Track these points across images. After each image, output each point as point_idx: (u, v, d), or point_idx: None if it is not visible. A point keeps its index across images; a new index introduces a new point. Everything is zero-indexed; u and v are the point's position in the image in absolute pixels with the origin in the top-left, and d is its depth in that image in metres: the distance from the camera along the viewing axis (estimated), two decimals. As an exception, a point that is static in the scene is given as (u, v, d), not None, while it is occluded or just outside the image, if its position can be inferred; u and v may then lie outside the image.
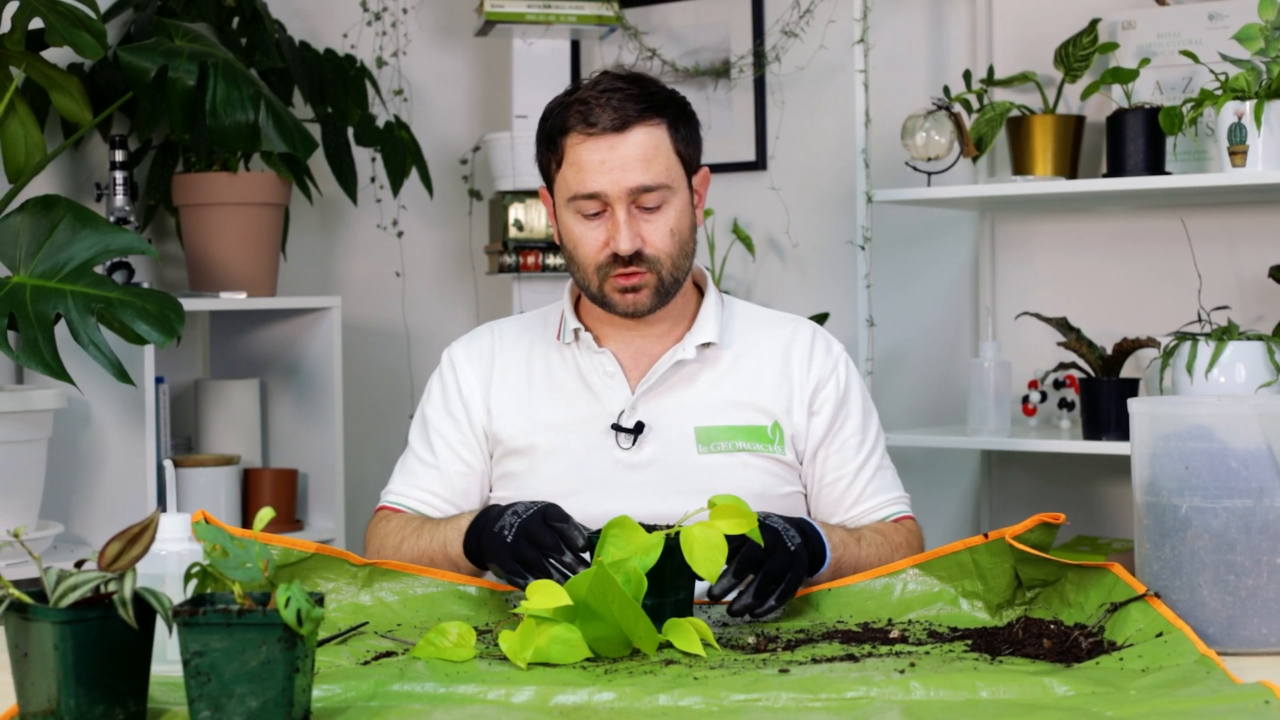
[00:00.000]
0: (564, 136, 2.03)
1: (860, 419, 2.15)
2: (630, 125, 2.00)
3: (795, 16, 3.47)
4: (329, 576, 1.83)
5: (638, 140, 2.01)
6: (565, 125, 2.03)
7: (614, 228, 2.01)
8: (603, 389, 2.08)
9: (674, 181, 2.04)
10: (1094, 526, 3.26)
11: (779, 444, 2.08)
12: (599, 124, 2.00)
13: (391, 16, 3.75)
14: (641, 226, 2.02)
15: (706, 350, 2.11)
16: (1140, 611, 1.61)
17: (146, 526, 1.36)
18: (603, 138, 2.00)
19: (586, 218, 2.03)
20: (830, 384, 2.12)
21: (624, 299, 2.04)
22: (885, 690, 1.44)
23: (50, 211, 2.57)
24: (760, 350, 2.13)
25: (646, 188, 2.01)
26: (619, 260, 2.01)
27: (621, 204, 2.01)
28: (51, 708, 1.31)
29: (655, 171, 2.01)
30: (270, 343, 3.45)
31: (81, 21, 2.77)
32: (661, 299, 2.06)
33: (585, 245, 2.03)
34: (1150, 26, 3.12)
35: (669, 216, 2.03)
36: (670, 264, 2.04)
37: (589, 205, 2.02)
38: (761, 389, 2.10)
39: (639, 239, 2.01)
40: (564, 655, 1.57)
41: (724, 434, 2.06)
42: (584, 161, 2.01)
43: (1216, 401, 1.74)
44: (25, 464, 2.77)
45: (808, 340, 2.15)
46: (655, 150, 2.02)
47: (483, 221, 3.80)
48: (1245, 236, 3.12)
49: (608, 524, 1.66)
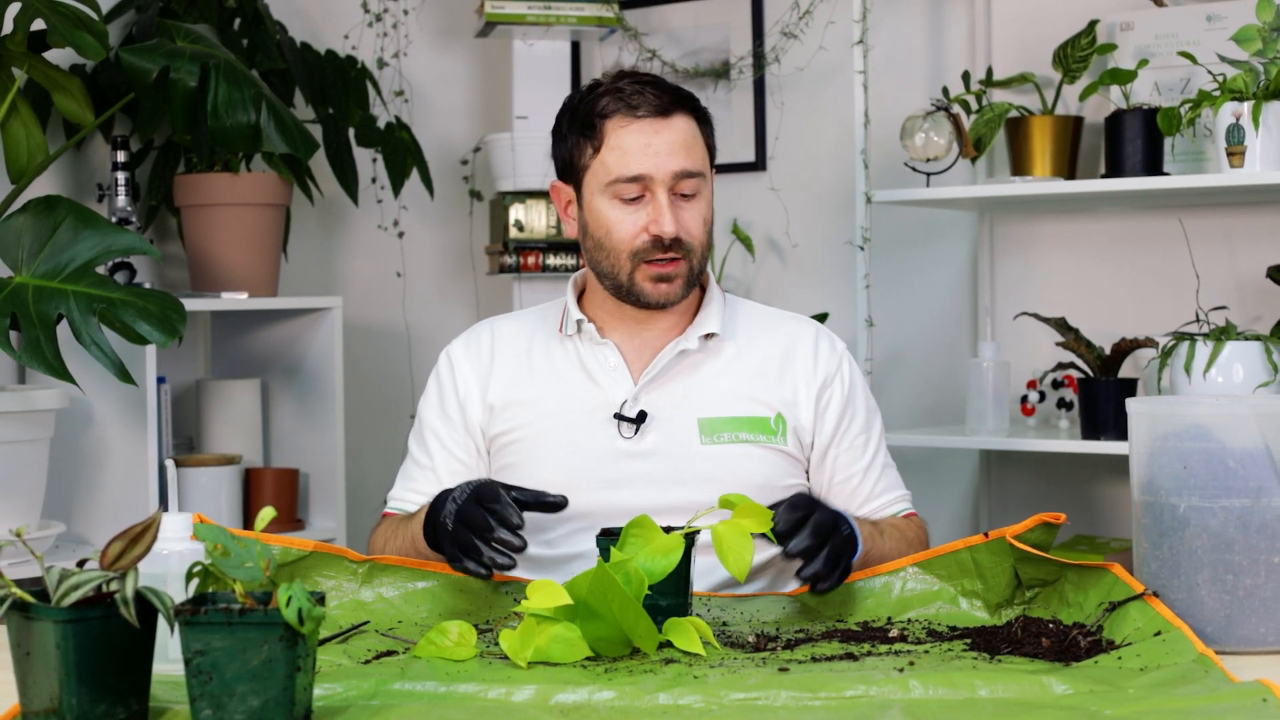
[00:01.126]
0: (605, 120, 2.04)
1: (865, 417, 2.16)
2: (672, 111, 2.04)
3: (795, 18, 3.48)
4: (329, 574, 1.84)
5: (680, 126, 2.04)
6: (605, 110, 2.04)
7: (656, 210, 2.02)
8: (605, 379, 2.08)
9: (707, 172, 2.07)
10: (1092, 526, 3.26)
11: (782, 435, 2.08)
12: (642, 108, 2.02)
13: (392, 18, 3.76)
14: (680, 213, 2.04)
15: (709, 341, 2.11)
16: (1139, 611, 1.62)
17: (148, 526, 1.36)
18: (648, 121, 2.02)
19: (625, 202, 2.03)
20: (836, 382, 2.13)
21: (657, 288, 2.05)
22: (884, 689, 1.44)
23: (52, 212, 2.57)
24: (763, 344, 2.13)
25: (689, 173, 2.03)
26: (658, 245, 2.02)
27: (664, 188, 2.02)
28: (53, 706, 1.31)
29: (696, 158, 2.04)
30: (271, 343, 3.45)
31: (83, 23, 2.78)
32: (688, 290, 2.07)
33: (621, 230, 2.04)
34: (1148, 28, 3.13)
35: (702, 206, 2.06)
36: (700, 254, 2.06)
37: (630, 189, 2.03)
38: (764, 381, 2.10)
39: (679, 224, 2.03)
40: (564, 654, 1.57)
41: (727, 425, 2.06)
42: (628, 145, 2.02)
43: (1214, 401, 1.74)
44: (27, 463, 2.77)
45: (812, 337, 2.16)
46: (694, 138, 2.05)
47: (483, 222, 3.81)
48: (1243, 237, 3.12)
49: (628, 524, 1.67)
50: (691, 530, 1.68)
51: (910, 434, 3.16)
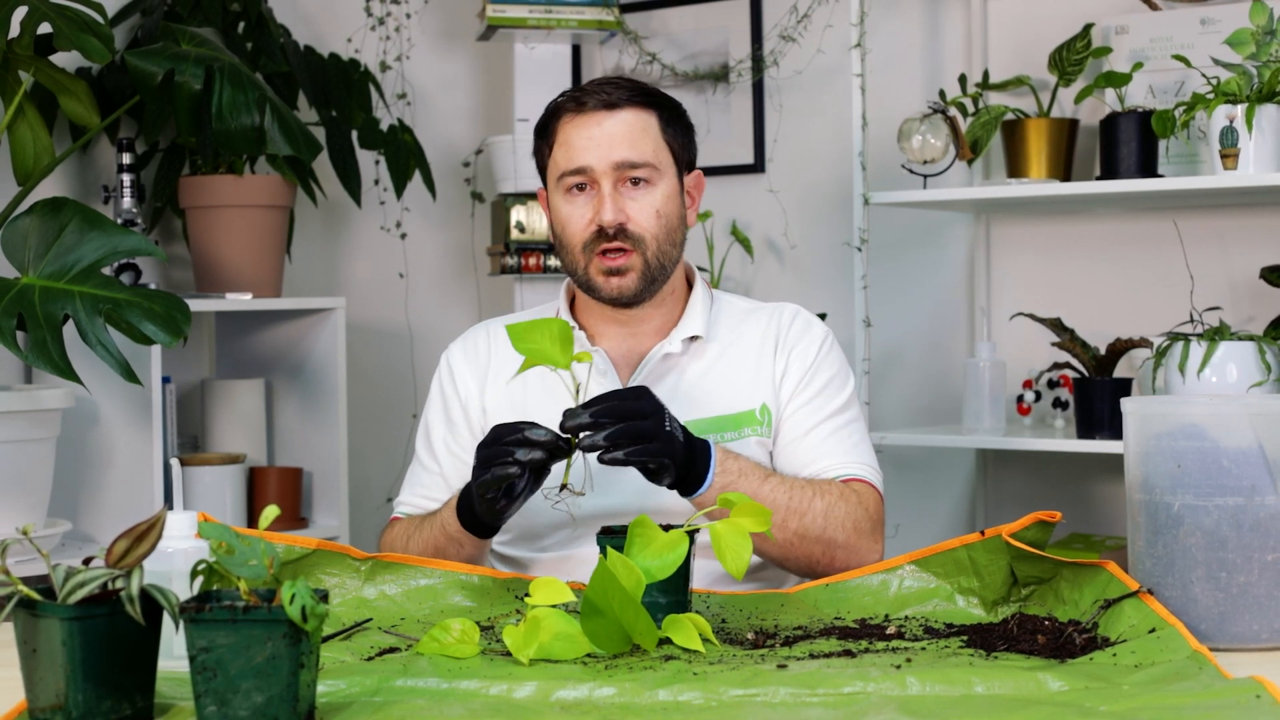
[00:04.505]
0: (557, 120, 2.08)
1: (823, 384, 2.11)
2: (619, 106, 2.05)
3: (793, 21, 3.49)
4: (332, 571, 1.84)
5: (625, 119, 2.05)
6: (558, 110, 2.08)
7: (599, 202, 2.03)
8: (595, 386, 2.09)
9: (661, 164, 2.06)
10: (1088, 524, 3.27)
11: (768, 425, 2.09)
12: (588, 104, 2.05)
13: (395, 21, 3.77)
14: (627, 203, 2.04)
15: (693, 343, 2.12)
16: (1133, 608, 1.62)
17: (153, 524, 1.36)
18: (591, 115, 2.05)
19: (574, 196, 2.05)
20: (797, 351, 2.12)
21: (609, 282, 2.05)
22: (882, 685, 1.44)
23: (58, 214, 2.57)
24: (746, 338, 2.14)
25: (632, 163, 2.03)
26: (603, 236, 2.03)
27: (607, 178, 2.03)
28: (59, 703, 1.31)
29: (642, 150, 2.04)
30: (275, 343, 3.46)
31: (89, 26, 2.78)
32: (647, 284, 2.06)
33: (573, 224, 2.06)
34: (1143, 31, 3.14)
35: (655, 197, 2.05)
36: (655, 246, 2.05)
37: (576, 180, 2.04)
38: (747, 375, 2.10)
39: (623, 213, 2.03)
40: (565, 651, 1.57)
41: (712, 424, 2.06)
42: (572, 139, 2.05)
43: (1208, 401, 1.72)
44: (34, 462, 2.77)
45: (790, 319, 2.15)
46: (643, 131, 2.06)
47: (485, 223, 3.82)
48: (1237, 238, 3.13)
49: (631, 524, 1.66)
50: (691, 528, 1.69)
51: (907, 433, 3.17)
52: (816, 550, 1.98)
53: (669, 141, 2.08)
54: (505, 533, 2.12)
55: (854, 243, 3.18)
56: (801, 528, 1.96)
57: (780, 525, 1.94)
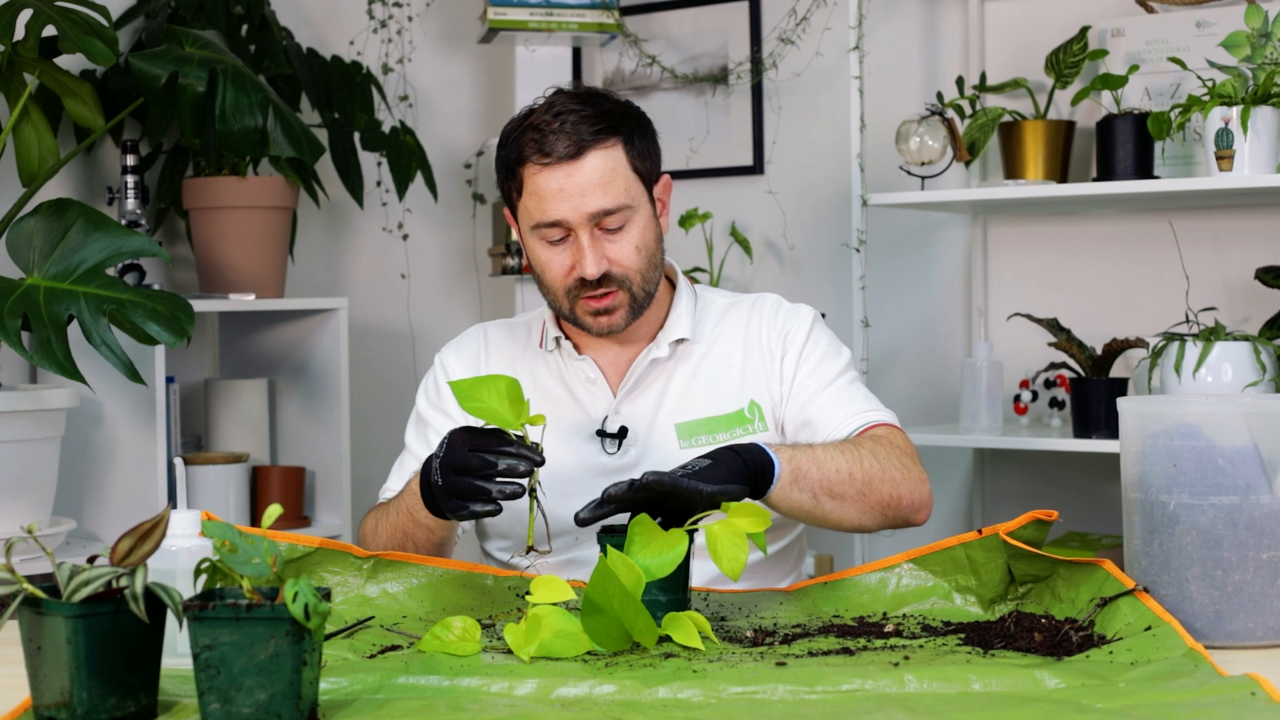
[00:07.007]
0: (521, 166, 2.01)
1: (821, 355, 2.11)
2: (585, 150, 1.98)
3: (792, 24, 3.50)
4: (334, 570, 1.85)
5: (594, 165, 1.99)
6: (521, 155, 2.01)
7: (579, 253, 2.00)
8: (585, 395, 2.10)
9: (634, 200, 2.02)
10: (1084, 523, 3.28)
11: (759, 420, 2.08)
12: (554, 152, 1.98)
13: (397, 24, 3.78)
14: (606, 248, 2.01)
15: (680, 346, 2.12)
16: (1129, 606, 1.62)
17: (157, 523, 1.37)
18: (559, 166, 1.98)
19: (551, 244, 2.02)
20: (790, 337, 2.11)
21: (597, 321, 2.04)
22: (880, 683, 1.45)
23: (63, 215, 2.57)
24: (729, 335, 2.13)
25: (607, 211, 2.00)
26: (587, 284, 2.01)
27: (584, 229, 2.00)
28: (64, 700, 1.32)
29: (615, 194, 2.00)
30: (278, 343, 3.46)
31: (94, 29, 2.78)
32: (635, 314, 2.06)
33: (552, 269, 2.03)
34: (1139, 33, 3.14)
35: (633, 235, 2.02)
36: (640, 279, 2.04)
37: (552, 233, 2.01)
38: (733, 373, 2.10)
39: (605, 261, 2.00)
40: (565, 649, 1.58)
41: (703, 427, 2.07)
42: (543, 190, 1.99)
43: (1204, 400, 1.71)
44: (38, 461, 2.77)
45: (772, 308, 2.15)
46: (613, 172, 2.00)
47: (486, 224, 3.83)
48: (1232, 239, 3.14)
49: (631, 522, 1.67)
50: (691, 528, 1.70)
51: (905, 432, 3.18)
52: (885, 491, 1.93)
53: (637, 168, 2.03)
54: (503, 539, 2.14)
55: (852, 244, 3.19)
56: (866, 477, 1.92)
57: (848, 480, 1.90)
